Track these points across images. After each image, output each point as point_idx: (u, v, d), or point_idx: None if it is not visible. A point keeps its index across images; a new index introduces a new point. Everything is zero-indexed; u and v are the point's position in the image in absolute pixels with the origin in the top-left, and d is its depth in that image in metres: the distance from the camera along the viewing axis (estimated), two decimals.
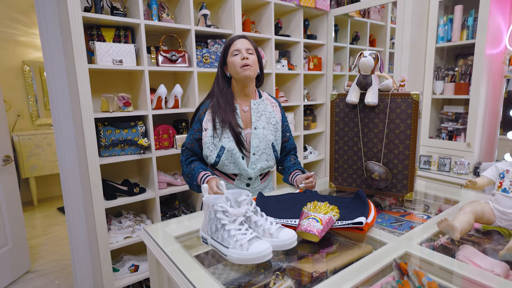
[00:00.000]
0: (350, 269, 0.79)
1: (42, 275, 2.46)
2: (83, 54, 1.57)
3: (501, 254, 0.82)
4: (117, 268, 1.88)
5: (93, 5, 1.71)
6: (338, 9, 2.66)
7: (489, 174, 1.03)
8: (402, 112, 1.18)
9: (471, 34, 2.20)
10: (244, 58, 1.31)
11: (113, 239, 1.81)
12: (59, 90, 1.88)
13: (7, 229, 2.31)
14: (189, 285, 0.72)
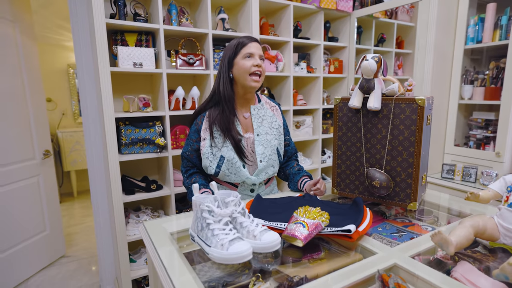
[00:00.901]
0: (330, 276, 0.79)
1: (74, 260, 2.68)
2: (105, 58, 1.69)
3: (494, 274, 0.78)
4: (134, 260, 1.99)
5: (117, 11, 1.82)
6: (361, 10, 2.60)
7: (496, 187, 0.97)
8: (407, 118, 1.14)
9: (505, 34, 2.06)
10: (258, 65, 1.27)
11: (130, 232, 1.92)
12: (88, 91, 2.03)
13: (45, 217, 2.54)
14: (169, 281, 0.76)
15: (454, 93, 2.29)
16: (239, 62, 1.28)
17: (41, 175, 2.50)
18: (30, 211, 2.40)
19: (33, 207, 2.43)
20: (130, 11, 1.94)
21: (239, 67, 1.28)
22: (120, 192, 1.82)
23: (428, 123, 1.23)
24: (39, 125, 2.47)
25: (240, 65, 1.28)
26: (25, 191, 2.35)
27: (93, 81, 2.03)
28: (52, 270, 2.54)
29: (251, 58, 1.28)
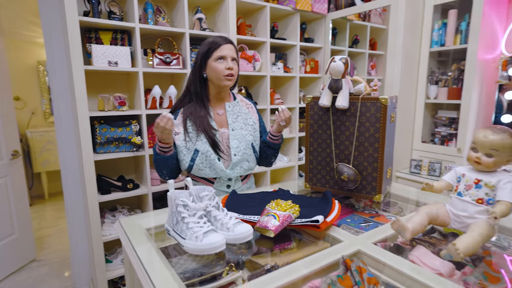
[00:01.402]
0: (299, 262, 0.84)
1: (45, 264, 2.60)
2: (79, 56, 1.67)
3: (442, 254, 0.86)
4: (110, 260, 1.98)
5: (91, 9, 1.81)
6: (336, 12, 2.69)
7: (448, 178, 1.06)
8: (372, 116, 1.22)
9: (464, 39, 2.20)
10: (230, 68, 1.32)
11: (106, 232, 1.91)
12: (60, 90, 2.00)
13: (14, 220, 2.46)
14: (145, 275, 0.79)
15: (421, 93, 2.42)
16: (212, 64, 1.33)
17: (9, 176, 2.41)
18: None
19: (0, 210, 2.35)
20: (105, 9, 1.93)
21: (212, 69, 1.33)
22: (95, 191, 1.81)
23: (392, 121, 1.31)
24: (7, 124, 2.39)
25: (212, 67, 1.33)
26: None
27: (66, 79, 2.00)
28: (21, 275, 2.46)
29: (223, 61, 1.32)
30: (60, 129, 2.04)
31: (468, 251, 0.85)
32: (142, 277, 0.78)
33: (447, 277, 0.83)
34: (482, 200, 0.95)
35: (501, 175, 0.96)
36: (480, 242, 0.88)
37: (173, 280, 0.74)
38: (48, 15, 1.92)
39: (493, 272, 0.90)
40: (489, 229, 0.90)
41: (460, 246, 0.83)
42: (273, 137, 1.45)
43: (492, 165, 0.96)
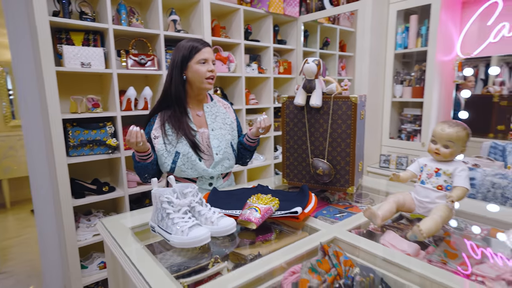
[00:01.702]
0: (281, 251, 0.89)
1: (10, 276, 2.48)
2: (50, 57, 1.64)
3: (408, 236, 0.95)
4: (86, 265, 1.93)
5: (61, 9, 1.77)
6: (307, 15, 2.80)
7: (412, 168, 1.16)
8: (343, 114, 1.30)
9: (425, 42, 2.37)
10: (212, 70, 1.35)
11: (81, 237, 1.87)
12: (28, 92, 1.92)
13: None
14: (135, 271, 0.80)
15: (388, 92, 2.57)
16: (194, 66, 1.34)
17: None
18: None
19: None
20: (76, 9, 1.89)
21: (194, 71, 1.35)
22: (69, 195, 1.77)
23: (362, 118, 1.41)
24: None
25: (195, 69, 1.35)
26: None
27: (34, 81, 1.93)
28: None
29: (205, 63, 1.36)
30: (29, 133, 1.96)
31: (431, 231, 0.95)
32: (132, 274, 0.79)
33: (413, 256, 0.92)
34: (442, 187, 1.06)
35: (457, 164, 1.07)
36: (440, 224, 0.98)
37: (164, 274, 0.77)
38: (13, 15, 1.85)
39: (452, 249, 1.01)
40: (448, 211, 1.01)
41: (423, 228, 0.93)
42: (250, 140, 1.50)
43: (449, 155, 1.06)
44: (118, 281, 1.02)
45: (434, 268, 0.80)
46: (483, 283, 0.81)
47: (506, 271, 0.86)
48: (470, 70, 2.33)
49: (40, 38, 1.60)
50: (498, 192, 1.69)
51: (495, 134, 2.37)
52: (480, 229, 1.12)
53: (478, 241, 1.05)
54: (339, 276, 0.82)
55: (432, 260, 0.92)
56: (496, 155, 2.30)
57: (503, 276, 0.84)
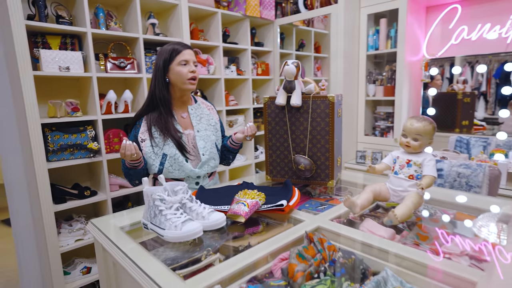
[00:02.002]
0: (269, 240, 0.95)
1: None
2: (27, 62, 1.61)
3: (384, 221, 1.04)
4: (68, 272, 1.90)
5: (37, 13, 1.75)
6: (282, 19, 2.89)
7: (386, 160, 1.26)
8: (322, 112, 1.38)
9: (394, 44, 2.52)
10: (193, 71, 1.39)
11: (63, 242, 1.84)
12: (1, 98, 1.86)
13: None
14: (134, 265, 0.83)
15: (361, 91, 2.70)
16: (175, 68, 1.38)
17: None
18: None
19: None
20: (52, 13, 1.87)
21: (176, 73, 1.38)
22: (50, 201, 1.74)
23: (339, 116, 1.49)
24: None
25: (176, 71, 1.38)
26: None
27: (7, 85, 1.88)
28: None
29: (186, 65, 1.39)
30: (2, 139, 1.91)
31: (404, 216, 1.04)
32: (130, 269, 0.82)
33: (390, 239, 1.00)
34: (413, 176, 1.16)
35: (425, 155, 1.17)
36: (412, 209, 1.08)
37: (162, 267, 0.80)
38: None
39: (423, 232, 1.11)
40: (418, 198, 1.11)
41: (398, 213, 1.02)
42: (234, 144, 1.56)
43: (418, 147, 1.17)
44: (110, 280, 1.04)
45: (408, 248, 0.89)
46: (450, 259, 0.90)
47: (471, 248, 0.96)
48: (436, 69, 2.50)
49: (16, 42, 1.57)
50: (463, 181, 1.84)
51: (461, 129, 2.54)
52: (448, 214, 1.23)
53: (446, 224, 1.16)
54: (324, 260, 0.89)
55: (406, 242, 1.01)
56: (461, 148, 2.48)
57: (466, 252, 0.94)
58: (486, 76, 2.44)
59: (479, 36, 2.43)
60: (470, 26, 2.40)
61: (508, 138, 2.20)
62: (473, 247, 0.93)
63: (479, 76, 2.46)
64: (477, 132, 2.46)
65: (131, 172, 1.34)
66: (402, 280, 0.81)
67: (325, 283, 0.81)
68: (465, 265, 0.84)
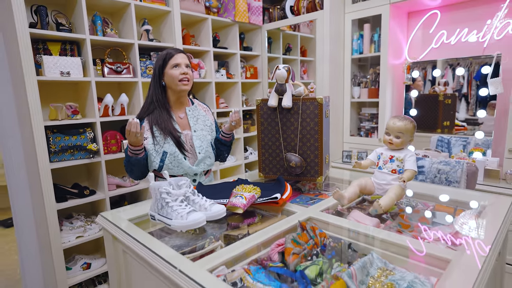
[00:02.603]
0: (266, 229, 1.06)
1: None
2: (31, 67, 1.68)
3: (370, 211, 1.16)
4: (69, 267, 1.97)
5: (38, 21, 1.81)
6: (270, 24, 3.01)
7: (371, 157, 1.38)
8: (311, 113, 1.50)
9: (377, 48, 2.67)
10: (184, 73, 1.49)
11: (65, 239, 1.91)
12: (4, 101, 1.93)
13: None
14: (147, 251, 0.92)
15: (347, 93, 2.84)
16: (168, 71, 1.49)
17: None
18: None
19: None
20: (52, 20, 1.93)
21: (169, 76, 1.49)
22: (52, 200, 1.81)
23: (327, 116, 1.61)
24: None
25: (169, 74, 1.49)
26: None
27: (10, 90, 1.94)
28: None
29: (178, 67, 1.50)
30: (5, 142, 1.97)
31: (387, 206, 1.16)
32: (145, 254, 0.91)
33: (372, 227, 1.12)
34: (395, 171, 1.28)
35: (406, 151, 1.30)
36: (395, 200, 1.20)
37: (173, 251, 0.90)
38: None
39: (405, 221, 1.23)
40: (400, 190, 1.23)
41: (382, 203, 1.14)
42: (225, 135, 1.66)
43: (400, 144, 1.29)
44: (120, 269, 1.13)
45: (392, 234, 1.00)
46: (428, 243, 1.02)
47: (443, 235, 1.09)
48: (417, 72, 2.66)
49: (22, 49, 1.64)
50: (443, 177, 1.98)
51: (442, 129, 2.64)
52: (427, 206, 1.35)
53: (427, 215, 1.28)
54: (316, 245, 1.00)
55: (390, 230, 1.13)
56: (442, 147, 2.63)
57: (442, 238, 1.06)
58: (467, 78, 2.52)
59: (458, 40, 2.59)
60: (449, 30, 2.56)
61: (485, 137, 2.35)
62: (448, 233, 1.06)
63: (461, 78, 2.54)
64: (458, 132, 2.55)
65: (133, 160, 1.42)
66: (386, 261, 0.91)
67: (318, 263, 0.91)
68: (441, 247, 0.94)
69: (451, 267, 0.82)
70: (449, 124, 2.62)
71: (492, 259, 0.86)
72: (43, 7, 1.81)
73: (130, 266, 1.08)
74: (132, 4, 2.08)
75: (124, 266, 1.10)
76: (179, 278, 0.78)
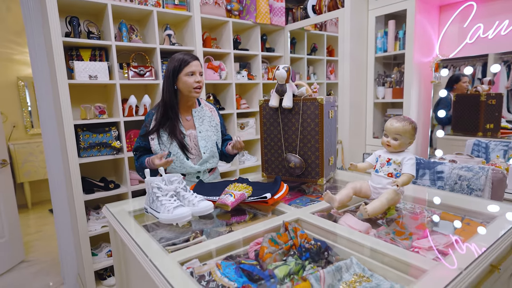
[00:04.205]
0: (250, 227, 1.09)
1: (34, 264, 2.78)
2: (63, 72, 1.89)
3: (357, 215, 1.14)
4: (96, 253, 2.17)
5: (72, 30, 2.03)
6: (293, 24, 3.01)
7: (369, 159, 1.35)
8: (312, 113, 1.50)
9: (403, 45, 2.55)
10: (198, 81, 1.56)
11: (91, 227, 2.11)
12: (45, 102, 2.18)
13: (4, 223, 2.63)
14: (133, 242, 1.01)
15: (370, 93, 2.76)
16: (183, 78, 1.55)
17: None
18: None
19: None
20: (84, 29, 2.14)
21: (183, 82, 1.56)
22: (80, 191, 2.01)
23: (331, 117, 1.60)
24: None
25: (183, 81, 1.55)
26: None
27: (50, 93, 2.19)
28: (13, 274, 2.63)
29: (193, 75, 1.56)
30: (47, 138, 2.22)
31: (375, 211, 1.13)
32: (130, 245, 1.00)
33: (365, 233, 1.10)
34: (392, 174, 1.25)
35: (405, 154, 1.25)
36: (386, 205, 1.17)
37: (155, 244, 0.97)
38: (33, 36, 2.12)
39: (401, 228, 1.19)
40: (394, 195, 1.19)
41: (369, 208, 1.12)
42: (228, 154, 1.74)
43: (398, 147, 1.25)
44: (120, 256, 1.24)
45: (377, 240, 0.97)
46: (418, 253, 0.98)
47: (440, 244, 1.04)
48: (446, 70, 2.50)
49: (55, 56, 1.85)
50: (464, 184, 1.84)
51: (484, 132, 2.39)
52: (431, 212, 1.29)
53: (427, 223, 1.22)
54: (295, 246, 1.02)
55: (380, 236, 1.11)
56: (479, 152, 2.40)
57: (436, 247, 1.01)
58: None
59: (497, 33, 2.40)
60: (487, 23, 2.38)
61: None
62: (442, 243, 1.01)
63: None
64: (506, 136, 2.29)
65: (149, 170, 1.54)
66: (364, 268, 0.90)
67: (289, 264, 0.93)
68: (424, 257, 0.90)
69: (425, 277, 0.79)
70: (493, 127, 2.36)
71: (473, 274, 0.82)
72: (75, 18, 2.02)
73: (127, 254, 1.18)
74: (154, 11, 2.23)
75: (123, 254, 1.21)
76: (148, 268, 0.85)
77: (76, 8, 2.10)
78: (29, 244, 3.19)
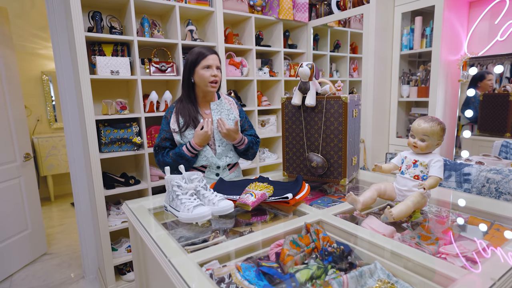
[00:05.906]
0: (271, 228, 1.07)
1: (56, 256, 2.86)
2: (85, 67, 1.91)
3: (381, 218, 1.10)
4: (116, 248, 2.20)
5: (94, 25, 2.04)
6: (316, 20, 2.94)
7: (395, 160, 1.30)
8: (335, 112, 1.45)
9: (429, 43, 2.45)
10: (215, 75, 1.56)
11: (112, 223, 2.13)
12: (68, 97, 2.23)
13: (27, 216, 2.71)
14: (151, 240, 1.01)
15: (394, 92, 2.67)
16: (199, 71, 1.55)
17: (22, 177, 2.65)
18: (12, 211, 2.55)
19: (15, 207, 2.58)
20: (106, 24, 2.16)
21: (199, 76, 1.56)
22: (101, 186, 2.03)
23: (355, 116, 1.55)
24: (19, 129, 2.62)
25: (200, 74, 1.56)
26: (7, 192, 2.50)
27: (73, 87, 2.23)
28: (35, 265, 2.70)
29: (209, 69, 1.56)
30: (69, 133, 2.27)
31: (401, 214, 1.09)
32: (149, 243, 1.00)
33: (389, 237, 1.06)
34: (418, 176, 1.19)
35: (432, 156, 1.20)
36: (412, 208, 1.12)
37: (174, 243, 0.96)
38: (56, 32, 2.16)
39: (426, 233, 1.14)
40: (420, 198, 1.14)
41: (394, 211, 1.07)
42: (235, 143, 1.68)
43: (425, 148, 1.19)
44: (139, 254, 1.24)
45: (402, 245, 0.93)
46: (445, 259, 0.94)
47: (469, 250, 0.99)
48: (475, 69, 2.38)
49: (78, 51, 1.87)
50: (492, 187, 1.76)
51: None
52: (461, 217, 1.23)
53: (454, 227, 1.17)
54: (317, 249, 0.99)
55: (405, 240, 1.06)
56: (507, 153, 2.31)
57: (464, 254, 0.96)
58: None
59: None
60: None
61: None
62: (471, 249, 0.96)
63: None
64: None
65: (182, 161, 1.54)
66: (389, 274, 0.86)
67: (311, 268, 0.90)
68: (453, 264, 0.85)
69: (454, 287, 0.75)
70: None
71: (507, 285, 0.76)
72: (98, 13, 2.03)
73: (146, 251, 1.18)
74: (177, 6, 2.22)
75: (142, 251, 1.21)
76: (167, 268, 0.84)
77: (99, 3, 2.12)
78: (52, 237, 3.29)
